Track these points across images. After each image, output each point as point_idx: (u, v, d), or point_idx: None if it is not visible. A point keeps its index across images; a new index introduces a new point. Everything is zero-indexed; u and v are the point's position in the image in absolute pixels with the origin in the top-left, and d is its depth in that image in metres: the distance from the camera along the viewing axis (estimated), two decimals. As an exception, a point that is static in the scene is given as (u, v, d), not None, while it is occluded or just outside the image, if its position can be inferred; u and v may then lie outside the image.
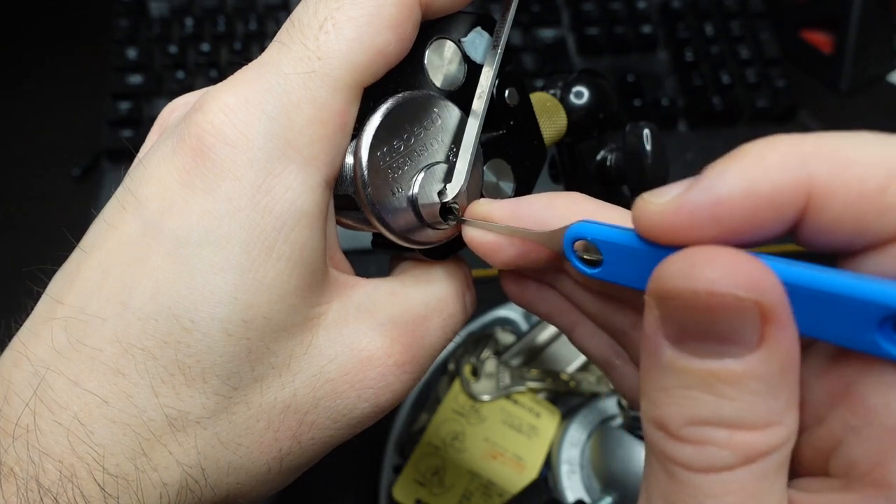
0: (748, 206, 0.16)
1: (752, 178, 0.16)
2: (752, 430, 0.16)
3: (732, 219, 0.16)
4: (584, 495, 0.46)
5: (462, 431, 0.48)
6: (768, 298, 0.15)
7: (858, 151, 0.16)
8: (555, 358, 0.52)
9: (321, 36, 0.22)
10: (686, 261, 0.16)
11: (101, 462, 0.20)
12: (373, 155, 0.23)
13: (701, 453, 0.16)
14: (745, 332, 0.15)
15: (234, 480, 0.23)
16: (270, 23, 0.66)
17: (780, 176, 0.16)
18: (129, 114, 0.61)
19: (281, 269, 0.22)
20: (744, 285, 0.15)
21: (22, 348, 0.22)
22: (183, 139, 0.22)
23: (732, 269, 0.15)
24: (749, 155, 0.16)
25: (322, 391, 0.23)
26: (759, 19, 0.69)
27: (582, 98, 0.32)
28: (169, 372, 0.21)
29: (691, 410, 0.16)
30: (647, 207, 0.17)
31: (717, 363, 0.16)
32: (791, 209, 0.16)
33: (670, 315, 0.16)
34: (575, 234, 0.20)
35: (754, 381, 0.15)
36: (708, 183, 0.16)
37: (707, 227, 0.16)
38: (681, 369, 0.16)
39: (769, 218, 0.16)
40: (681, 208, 0.16)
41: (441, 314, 0.26)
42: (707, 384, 0.16)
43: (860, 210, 0.15)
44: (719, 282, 0.15)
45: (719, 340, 0.15)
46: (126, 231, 0.22)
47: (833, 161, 0.16)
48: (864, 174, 0.15)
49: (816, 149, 0.16)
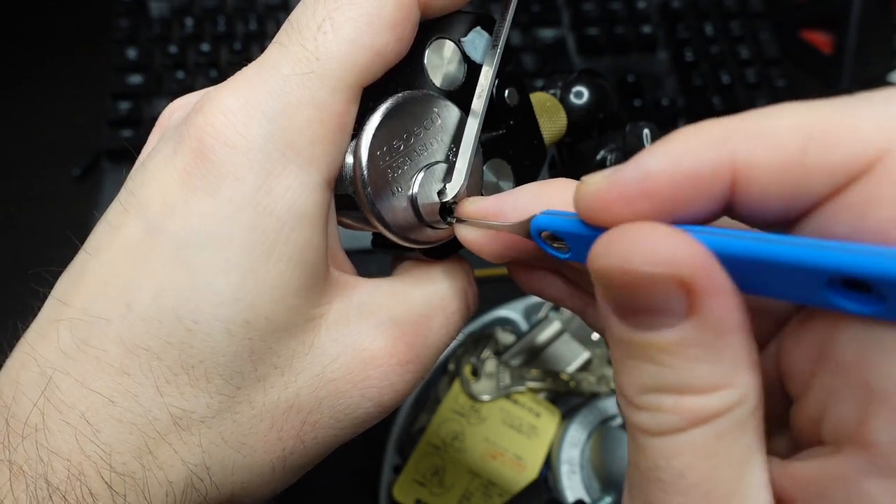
0: (674, 182, 0.16)
1: (677, 154, 0.16)
2: (697, 393, 0.16)
3: (660, 194, 0.16)
4: (584, 495, 0.46)
5: (462, 431, 0.48)
6: (686, 271, 0.15)
7: (777, 122, 0.16)
8: (555, 358, 0.52)
9: (320, 37, 0.22)
10: (607, 239, 0.16)
11: (108, 460, 0.21)
12: (373, 155, 0.23)
13: (654, 418, 0.17)
14: (672, 303, 0.16)
15: (238, 479, 0.23)
16: (270, 23, 0.66)
17: (703, 152, 0.16)
18: (129, 114, 0.61)
19: (282, 269, 0.22)
20: (656, 260, 0.15)
21: (29, 349, 0.22)
22: (183, 141, 0.22)
23: (645, 245, 0.16)
24: (678, 136, 0.17)
25: (325, 391, 0.23)
26: (759, 19, 0.69)
27: (582, 98, 0.32)
28: (173, 372, 0.21)
29: (639, 379, 0.17)
30: (582, 188, 0.18)
31: (653, 334, 0.16)
32: (717, 183, 0.16)
33: (607, 291, 0.17)
34: (537, 226, 0.21)
35: (690, 347, 0.16)
36: (637, 160, 0.17)
37: (638, 203, 0.17)
38: (627, 341, 0.17)
39: (697, 193, 0.16)
40: (612, 185, 0.17)
41: (443, 313, 0.26)
42: (647, 354, 0.17)
43: (785, 177, 0.16)
44: (632, 260, 0.16)
45: (650, 312, 0.16)
46: (128, 233, 0.22)
47: (753, 133, 0.16)
48: (783, 141, 0.16)
49: (738, 125, 0.16)
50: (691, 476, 0.16)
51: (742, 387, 0.16)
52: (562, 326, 0.52)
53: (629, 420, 0.18)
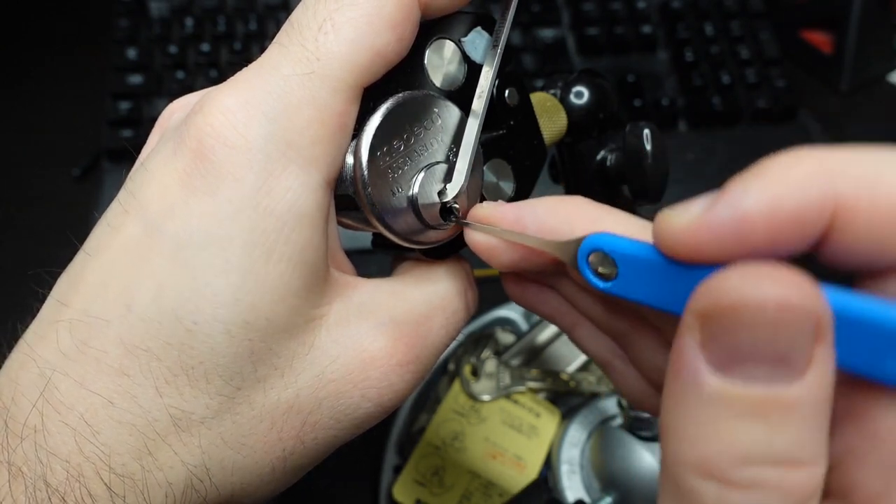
0: (773, 223, 0.15)
1: (778, 193, 0.15)
2: (800, 467, 0.15)
3: (756, 235, 0.15)
4: (584, 495, 0.46)
5: (462, 431, 0.48)
6: (824, 315, 0.14)
7: (886, 170, 0.15)
8: (555, 358, 0.52)
9: (320, 37, 0.22)
10: (745, 277, 0.15)
11: (108, 462, 0.21)
12: (373, 155, 0.23)
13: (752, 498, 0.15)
14: (799, 352, 0.14)
15: (238, 480, 0.23)
16: (270, 23, 0.66)
17: (806, 192, 0.15)
18: (129, 114, 0.61)
19: (282, 269, 0.22)
20: (806, 300, 0.14)
21: (28, 350, 0.22)
22: (183, 141, 0.22)
23: (794, 285, 0.14)
24: (773, 170, 0.16)
25: (325, 391, 0.23)
26: (759, 19, 0.69)
27: (582, 98, 0.32)
28: (172, 373, 0.21)
29: (743, 446, 0.15)
30: (669, 224, 0.17)
31: (767, 389, 0.14)
32: (816, 226, 0.15)
33: (719, 336, 0.15)
34: (590, 246, 0.20)
35: (806, 407, 0.14)
36: (732, 199, 0.16)
37: (731, 244, 0.16)
38: (730, 398, 0.15)
39: (794, 235, 0.15)
40: (704, 225, 0.16)
41: (443, 313, 0.26)
42: (758, 413, 0.14)
43: (885, 231, 0.15)
44: (787, 296, 0.14)
45: (772, 363, 0.14)
46: (128, 233, 0.22)
47: (860, 178, 0.15)
48: (892, 194, 0.15)
49: (843, 165, 0.15)
50: None
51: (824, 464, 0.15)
52: (562, 326, 0.52)
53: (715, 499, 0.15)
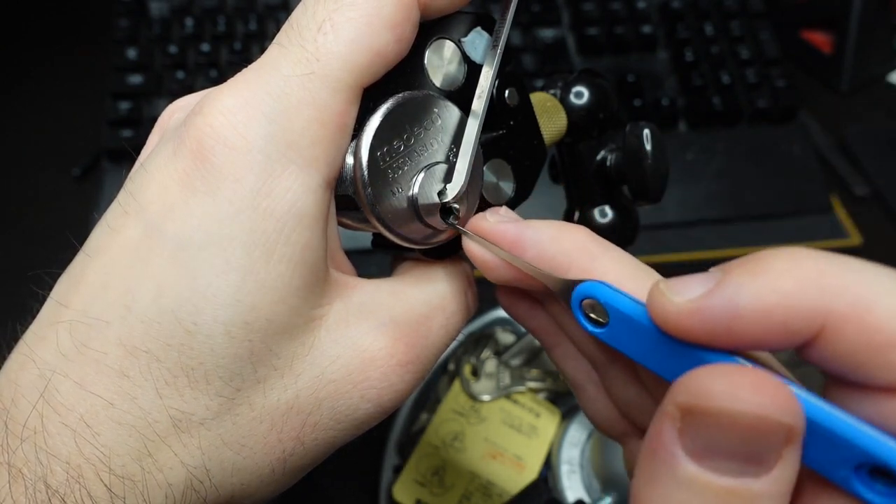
0: (763, 325, 0.16)
1: (772, 298, 0.16)
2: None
3: (746, 333, 0.16)
4: (584, 495, 0.46)
5: (462, 431, 0.48)
6: (797, 422, 0.15)
7: (881, 297, 0.16)
8: (555, 358, 0.52)
9: (319, 37, 0.22)
10: (726, 381, 0.16)
11: (108, 463, 0.21)
12: (373, 155, 0.23)
13: None
14: (770, 453, 0.16)
15: (238, 481, 0.23)
16: (270, 23, 0.66)
17: (800, 302, 0.16)
18: (129, 114, 0.61)
19: (282, 270, 0.22)
20: (783, 409, 0.15)
21: (28, 351, 0.22)
22: (183, 142, 0.22)
23: (771, 394, 0.15)
24: (772, 270, 0.16)
25: (325, 392, 0.23)
26: (759, 19, 0.69)
27: (582, 98, 0.32)
28: (172, 374, 0.21)
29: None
30: (664, 304, 0.18)
31: (736, 482, 0.16)
32: (804, 335, 0.16)
33: (697, 431, 0.16)
34: (584, 293, 0.20)
35: (768, 498, 0.16)
36: (728, 294, 0.16)
37: (719, 335, 0.17)
38: (701, 485, 0.16)
39: (780, 337, 0.16)
40: (697, 314, 0.17)
41: (443, 313, 0.26)
42: (725, 501, 0.16)
43: (866, 356, 0.16)
44: (764, 406, 0.15)
45: (744, 460, 0.16)
46: (128, 234, 0.22)
47: (854, 299, 0.16)
48: (880, 324, 0.15)
49: (839, 280, 0.16)
50: None
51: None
52: (562, 326, 0.52)
53: None
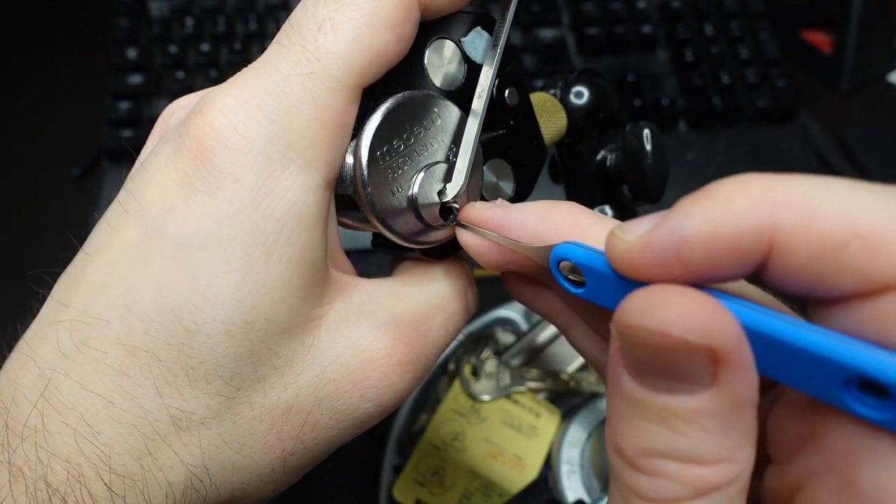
0: (711, 249, 0.16)
1: (717, 221, 0.16)
2: (703, 465, 0.16)
3: (696, 259, 0.16)
4: (584, 495, 0.46)
5: (462, 431, 0.48)
6: (720, 343, 0.15)
7: (826, 203, 0.15)
8: (555, 358, 0.52)
9: (320, 37, 0.22)
10: (645, 299, 0.16)
11: (108, 462, 0.21)
12: (373, 155, 0.23)
13: (653, 484, 0.16)
14: (698, 372, 0.16)
15: (238, 480, 0.23)
16: (270, 23, 0.66)
17: (744, 221, 0.16)
18: (129, 114, 0.61)
19: (282, 270, 0.22)
20: (695, 329, 0.15)
21: (28, 350, 0.22)
22: (183, 142, 0.22)
23: (687, 312, 0.15)
24: (716, 196, 0.16)
25: (325, 391, 0.23)
26: (759, 19, 0.69)
27: (582, 98, 0.32)
28: (172, 373, 0.21)
29: (646, 442, 0.16)
30: (616, 243, 0.18)
31: (671, 399, 0.16)
32: (753, 254, 0.16)
33: (629, 349, 0.16)
34: (558, 255, 0.21)
35: (706, 418, 0.16)
36: (674, 223, 0.16)
37: (672, 266, 0.16)
38: (638, 401, 0.17)
39: (732, 260, 0.16)
40: (646, 247, 0.17)
41: (443, 313, 0.26)
42: (661, 418, 0.16)
43: (820, 266, 0.15)
44: (672, 324, 0.15)
45: (673, 377, 0.16)
46: (128, 234, 0.22)
47: (799, 210, 0.15)
48: (827, 229, 0.15)
49: (785, 195, 0.16)
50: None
51: (741, 462, 0.16)
52: (562, 326, 0.52)
53: (623, 480, 0.17)
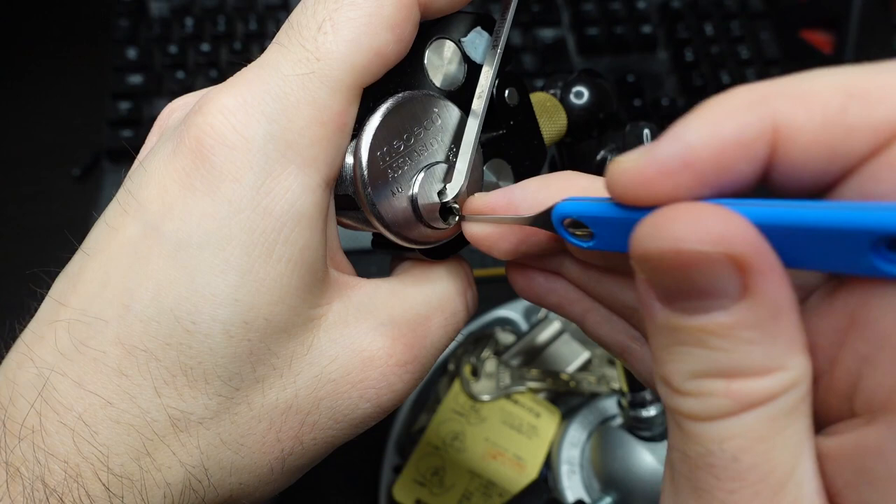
0: (717, 150, 0.16)
1: (718, 121, 0.16)
2: (750, 377, 0.16)
3: (703, 164, 0.16)
4: (584, 495, 0.46)
5: (462, 431, 0.48)
6: (741, 249, 0.15)
7: (815, 82, 0.16)
8: (555, 358, 0.52)
9: (319, 37, 0.22)
10: (652, 222, 0.16)
11: (106, 462, 0.21)
12: (373, 155, 0.23)
13: (703, 403, 0.16)
14: (726, 285, 0.15)
15: (236, 480, 0.23)
16: (270, 23, 0.66)
17: (745, 116, 0.16)
18: (129, 114, 0.61)
19: (281, 270, 0.22)
20: (710, 239, 0.15)
21: (26, 350, 0.22)
22: (182, 141, 0.22)
23: (697, 224, 0.15)
24: (713, 103, 0.16)
25: (324, 391, 0.23)
26: (759, 19, 0.69)
27: (582, 98, 0.32)
28: (171, 373, 0.21)
29: (689, 365, 0.16)
30: (618, 167, 0.17)
31: (705, 318, 0.16)
32: (760, 146, 0.16)
33: (653, 277, 0.16)
34: (560, 213, 0.20)
35: (745, 329, 0.16)
36: (675, 133, 0.16)
37: (680, 177, 0.16)
38: (674, 327, 0.16)
39: (740, 158, 0.16)
40: (651, 161, 0.16)
41: (442, 313, 0.26)
42: (699, 339, 0.16)
43: (827, 135, 0.15)
44: (684, 239, 0.15)
45: (702, 296, 0.16)
46: (127, 233, 0.22)
47: (793, 94, 0.16)
48: (824, 100, 0.15)
49: (775, 87, 0.16)
50: (746, 459, 0.16)
51: (795, 369, 0.16)
52: (562, 326, 0.52)
53: (674, 408, 0.17)
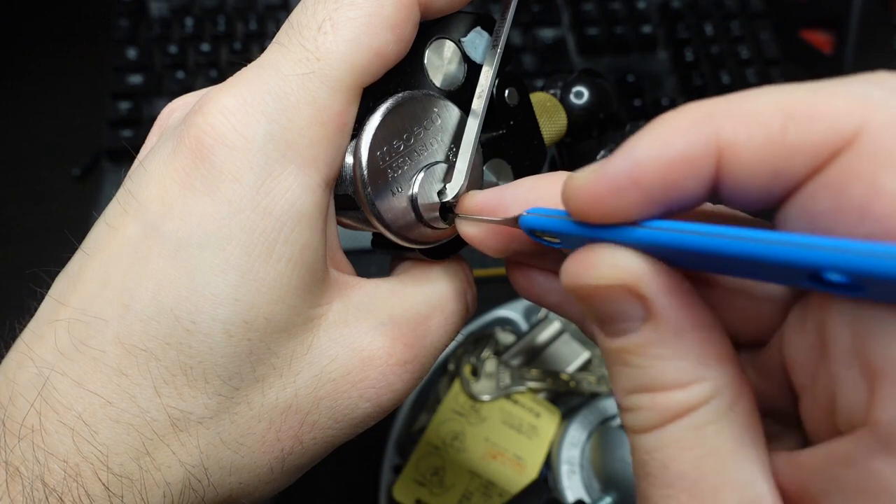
0: (664, 166, 0.17)
1: (665, 139, 0.17)
2: (668, 390, 0.17)
3: (650, 181, 0.17)
4: (584, 495, 0.46)
5: (462, 431, 0.48)
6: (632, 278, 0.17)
7: (758, 101, 0.16)
8: (555, 358, 0.52)
9: (319, 37, 0.22)
10: (573, 260, 0.18)
11: (106, 462, 0.21)
12: (372, 155, 0.23)
13: (636, 417, 0.18)
14: (630, 310, 0.17)
15: (236, 480, 0.23)
16: (270, 23, 0.66)
17: (690, 133, 0.17)
18: (129, 114, 0.61)
19: (281, 269, 0.22)
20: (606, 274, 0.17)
21: (26, 350, 0.22)
22: (182, 141, 0.22)
23: (599, 261, 0.18)
24: (660, 122, 0.17)
25: (323, 391, 0.23)
26: (759, 19, 0.69)
27: (582, 98, 0.32)
28: (171, 373, 0.21)
29: (622, 383, 0.18)
30: (571, 183, 0.18)
31: (624, 339, 0.18)
32: (705, 164, 0.17)
33: (584, 307, 0.19)
34: (525, 225, 0.21)
35: (654, 347, 0.17)
36: (625, 151, 0.17)
37: (629, 194, 0.17)
38: (608, 350, 0.19)
39: (685, 175, 0.17)
40: (601, 178, 0.17)
41: (442, 313, 0.26)
42: (623, 359, 0.18)
43: (768, 155, 0.16)
44: (584, 274, 0.18)
45: (616, 320, 0.18)
46: (127, 233, 0.22)
47: (735, 114, 0.17)
48: (764, 120, 0.16)
49: (721, 105, 0.17)
50: (675, 467, 0.17)
51: (713, 380, 0.17)
52: (562, 326, 0.52)
53: (623, 421, 0.19)
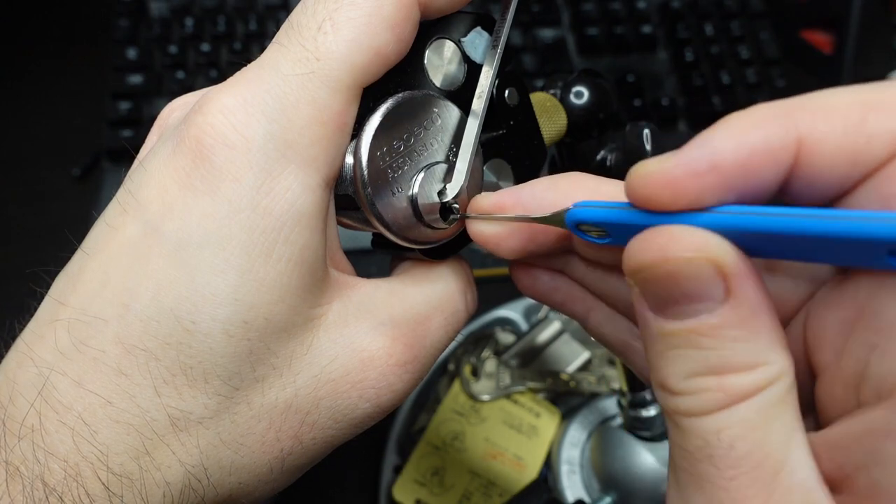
0: (745, 155, 0.17)
1: (744, 130, 0.17)
2: (738, 371, 0.17)
3: (730, 168, 0.17)
4: (584, 495, 0.46)
5: (462, 431, 0.49)
6: (721, 256, 0.17)
7: (834, 97, 0.17)
8: (555, 358, 0.52)
9: (319, 37, 0.22)
10: (644, 236, 0.18)
11: (106, 461, 0.21)
12: (373, 155, 0.23)
13: (699, 400, 0.18)
14: (710, 289, 0.17)
15: (236, 480, 0.23)
16: (270, 23, 0.66)
17: (770, 125, 0.17)
18: (129, 114, 0.61)
19: (281, 269, 0.22)
20: (695, 247, 0.17)
21: (26, 349, 0.22)
22: (182, 141, 0.22)
23: (682, 237, 0.17)
24: (734, 118, 0.18)
25: (323, 391, 0.23)
26: (759, 19, 0.69)
27: (582, 98, 0.32)
28: (171, 372, 0.21)
29: (684, 366, 0.18)
30: (642, 170, 0.18)
31: (695, 321, 0.17)
32: (785, 154, 0.17)
33: (645, 288, 0.18)
34: (574, 218, 0.21)
35: (730, 328, 0.17)
36: (702, 140, 0.17)
37: (706, 179, 0.17)
38: (667, 334, 0.18)
39: (765, 165, 0.17)
40: (679, 162, 0.17)
41: (442, 313, 0.26)
42: (690, 341, 0.18)
43: (848, 143, 0.17)
44: (671, 248, 0.17)
45: (690, 300, 0.17)
46: (127, 233, 0.22)
47: (815, 107, 0.17)
48: (844, 111, 0.17)
49: (798, 102, 0.17)
50: (741, 447, 0.17)
51: (778, 363, 0.17)
52: (562, 326, 0.52)
53: (672, 408, 0.18)
